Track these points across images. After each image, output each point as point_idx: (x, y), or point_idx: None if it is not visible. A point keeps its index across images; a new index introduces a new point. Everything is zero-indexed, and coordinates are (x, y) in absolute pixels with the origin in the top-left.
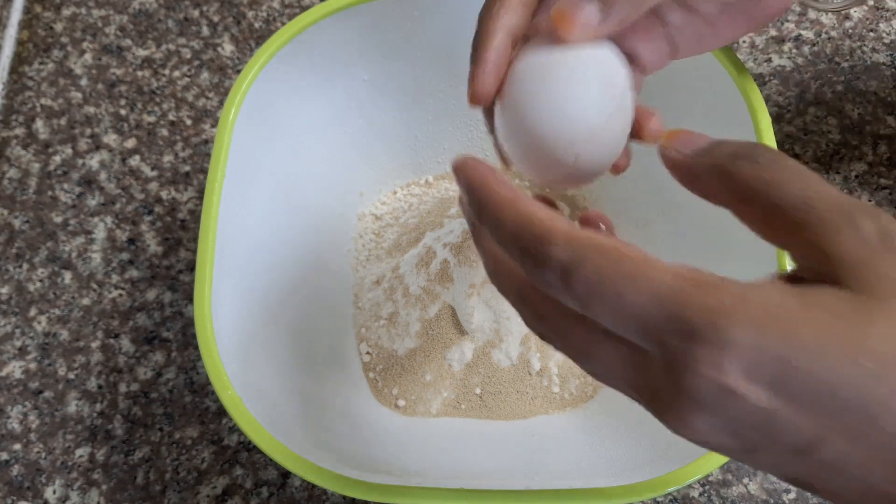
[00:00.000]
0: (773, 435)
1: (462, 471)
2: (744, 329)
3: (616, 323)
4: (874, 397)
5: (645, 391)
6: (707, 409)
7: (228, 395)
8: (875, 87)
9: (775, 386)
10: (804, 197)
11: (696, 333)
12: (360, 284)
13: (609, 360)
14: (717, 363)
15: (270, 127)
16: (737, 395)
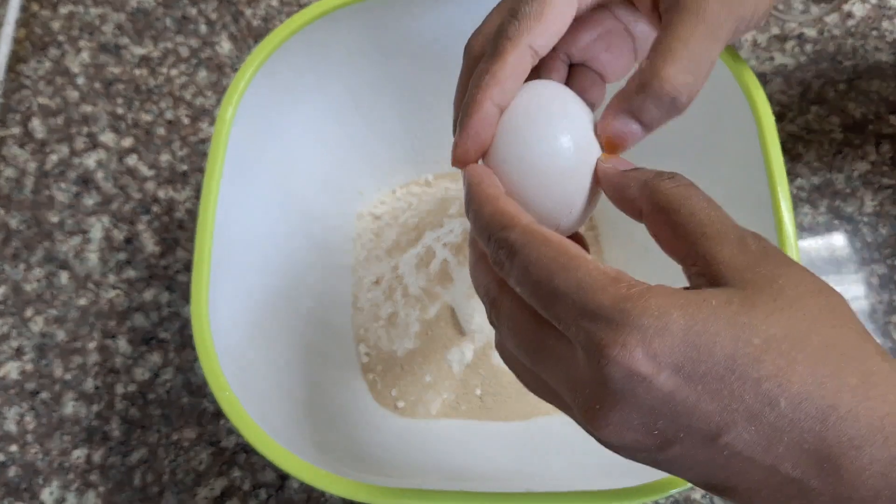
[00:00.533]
0: (681, 421)
1: (462, 472)
2: (649, 314)
3: (544, 304)
4: (765, 372)
5: (575, 393)
6: (621, 399)
7: (226, 396)
8: (878, 86)
9: (679, 368)
10: (708, 214)
11: (607, 318)
12: (358, 285)
13: (552, 360)
14: (625, 346)
15: (269, 126)
16: (645, 378)
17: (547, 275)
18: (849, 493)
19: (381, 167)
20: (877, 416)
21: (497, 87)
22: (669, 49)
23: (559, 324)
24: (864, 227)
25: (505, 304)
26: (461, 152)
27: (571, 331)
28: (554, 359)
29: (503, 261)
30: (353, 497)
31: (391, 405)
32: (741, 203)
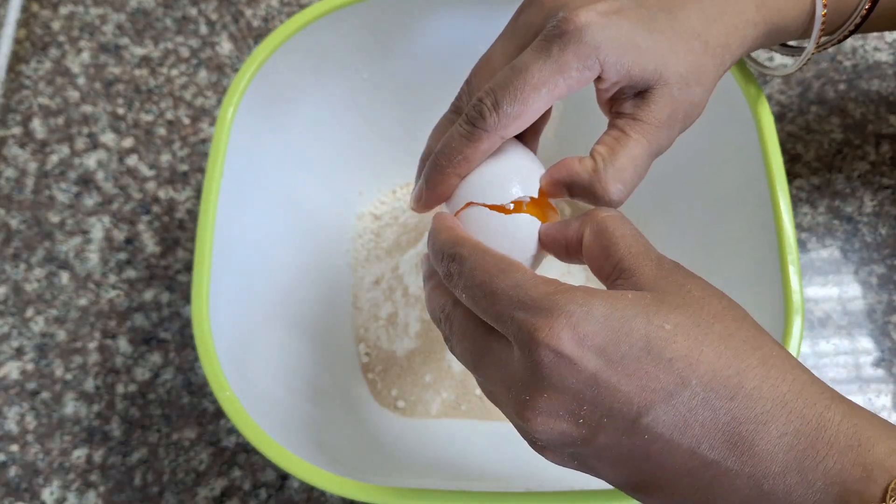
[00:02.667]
0: (604, 404)
1: (462, 472)
2: (574, 302)
3: (486, 304)
4: (677, 353)
5: (510, 391)
6: (549, 384)
7: (226, 396)
8: (877, 85)
9: (601, 350)
10: (636, 238)
11: (538, 307)
12: (359, 285)
13: (492, 363)
14: (553, 329)
15: (269, 126)
16: (571, 360)
17: (488, 277)
18: (762, 469)
19: (381, 167)
20: (779, 393)
21: (466, 166)
22: (620, 168)
23: (498, 322)
24: (864, 227)
25: (455, 316)
26: (422, 206)
27: (507, 326)
28: (494, 361)
29: (453, 273)
30: (352, 496)
31: (391, 405)
32: (741, 203)
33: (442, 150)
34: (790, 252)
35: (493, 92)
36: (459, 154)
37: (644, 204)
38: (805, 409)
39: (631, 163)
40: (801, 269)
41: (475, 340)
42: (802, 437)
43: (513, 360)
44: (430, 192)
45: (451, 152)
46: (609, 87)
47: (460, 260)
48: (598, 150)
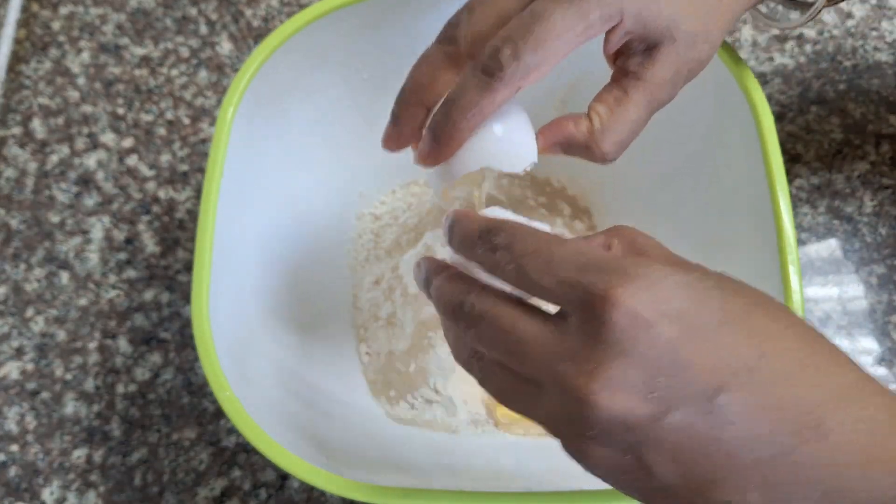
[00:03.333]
0: (681, 377)
1: (462, 472)
2: (651, 267)
3: (541, 272)
4: (755, 326)
5: (560, 365)
6: (621, 351)
7: (226, 396)
8: (877, 85)
9: (679, 317)
10: (667, 251)
11: (612, 268)
12: (359, 285)
13: (537, 344)
14: (629, 290)
15: (269, 126)
16: (648, 323)
17: (545, 244)
18: (844, 457)
19: (381, 167)
20: (851, 378)
21: (480, 119)
22: (618, 131)
23: (557, 289)
24: (864, 227)
25: (484, 300)
26: (432, 160)
27: (568, 292)
28: (539, 340)
29: (499, 245)
30: (352, 496)
31: (391, 405)
32: (741, 203)
33: (454, 101)
34: (790, 252)
35: (512, 39)
36: (474, 106)
37: (644, 204)
38: (875, 396)
39: (629, 125)
40: (801, 269)
41: (515, 321)
42: (880, 424)
43: (568, 332)
44: (439, 147)
45: (465, 104)
46: (620, 38)
47: (508, 231)
48: (598, 110)
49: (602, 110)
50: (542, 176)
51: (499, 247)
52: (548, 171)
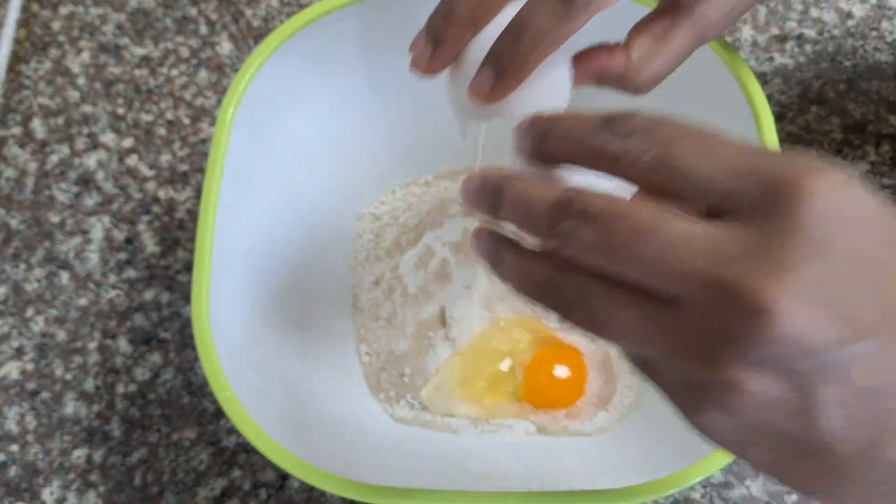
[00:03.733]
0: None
1: (461, 472)
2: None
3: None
4: None
5: (723, 267)
6: (813, 250)
7: (226, 396)
8: (877, 86)
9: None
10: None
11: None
12: (359, 285)
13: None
14: (827, 178)
15: (269, 126)
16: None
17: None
18: None
19: (381, 167)
20: None
21: (553, 51)
22: (658, 66)
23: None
24: None
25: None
26: (492, 96)
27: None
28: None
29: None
30: (353, 496)
31: (391, 405)
32: None
33: (524, 28)
34: None
35: None
36: (547, 36)
37: None
38: None
39: (671, 60)
40: None
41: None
42: None
43: (737, 231)
44: (504, 81)
45: (538, 33)
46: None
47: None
48: (639, 41)
49: (644, 43)
50: None
51: (635, 131)
52: None
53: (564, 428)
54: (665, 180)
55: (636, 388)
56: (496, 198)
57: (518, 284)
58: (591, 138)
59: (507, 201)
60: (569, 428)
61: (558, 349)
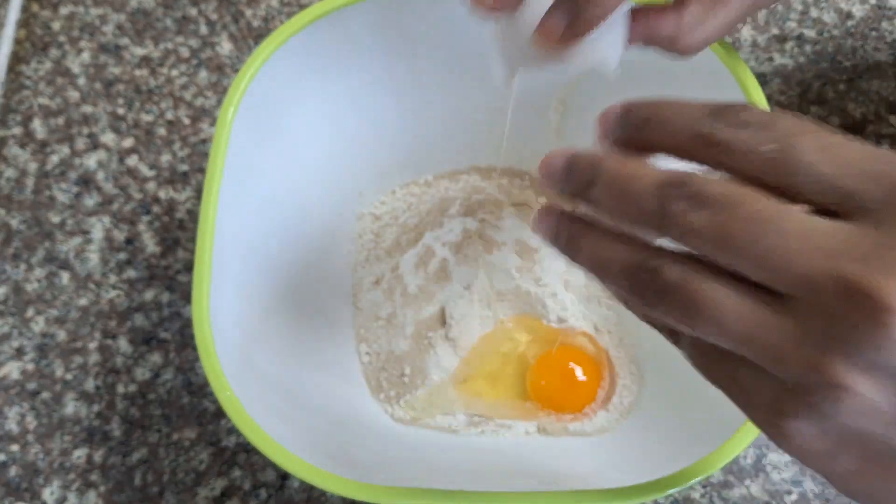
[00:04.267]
0: None
1: (461, 472)
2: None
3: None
4: None
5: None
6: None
7: (227, 396)
8: (877, 86)
9: None
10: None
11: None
12: (359, 285)
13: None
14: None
15: (269, 126)
16: None
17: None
18: None
19: (381, 167)
20: None
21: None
22: (709, 30)
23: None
24: None
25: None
26: (563, 40)
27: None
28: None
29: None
30: (353, 496)
31: (391, 405)
32: None
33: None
34: None
35: None
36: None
37: None
38: None
39: (724, 26)
40: None
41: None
42: None
43: (863, 234)
44: (577, 25)
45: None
46: None
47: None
48: (694, 4)
49: (699, 4)
50: None
51: (750, 122)
52: None
53: (564, 428)
54: (782, 175)
55: (636, 388)
56: (589, 174)
57: (599, 266)
58: (700, 126)
59: (603, 179)
60: (569, 428)
61: (571, 350)
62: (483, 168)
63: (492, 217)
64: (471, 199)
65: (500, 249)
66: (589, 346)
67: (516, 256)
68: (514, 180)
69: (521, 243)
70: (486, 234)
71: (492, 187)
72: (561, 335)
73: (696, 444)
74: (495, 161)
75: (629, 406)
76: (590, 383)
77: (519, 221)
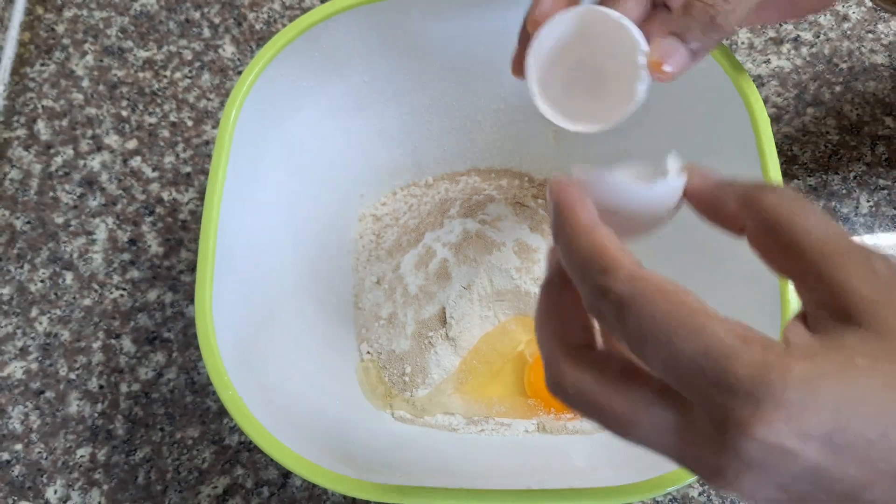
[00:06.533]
0: (822, 486)
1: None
2: (794, 387)
3: (664, 368)
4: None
5: (689, 457)
6: (757, 470)
7: (229, 395)
8: (873, 87)
9: (827, 440)
10: (826, 231)
11: (746, 392)
12: (360, 285)
13: (651, 427)
14: (770, 423)
15: (271, 128)
16: (790, 453)
17: (665, 338)
18: None
19: (381, 169)
20: None
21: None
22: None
23: (682, 388)
24: (860, 228)
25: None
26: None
27: (696, 397)
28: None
29: (606, 312)
30: (354, 494)
31: (391, 405)
32: None
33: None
34: None
35: None
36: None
37: None
38: None
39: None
40: None
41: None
42: None
43: (691, 427)
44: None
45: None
46: None
47: (618, 303)
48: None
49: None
50: (540, 176)
51: (606, 315)
52: (547, 172)
53: (564, 426)
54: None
55: None
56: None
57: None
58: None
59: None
60: (568, 426)
61: None
62: (483, 169)
63: (492, 218)
64: (471, 200)
65: (500, 249)
66: None
67: (516, 257)
68: (513, 181)
69: (521, 243)
70: (486, 234)
71: (492, 188)
72: None
73: None
74: (495, 162)
75: None
76: None
77: (519, 222)
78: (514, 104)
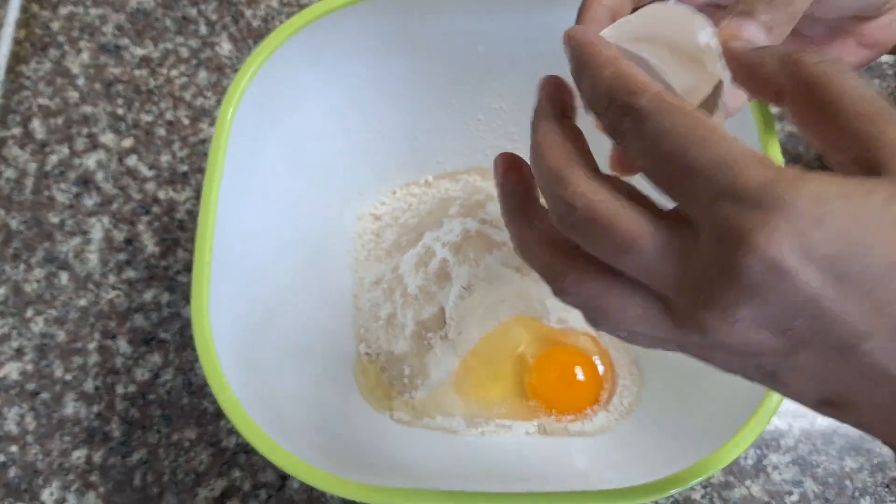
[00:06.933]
0: (821, 323)
1: (462, 473)
2: (805, 199)
3: (673, 181)
4: None
5: (685, 287)
6: (755, 294)
7: (226, 396)
8: (878, 86)
9: (830, 265)
10: (862, 91)
11: (754, 200)
12: (359, 285)
13: (654, 250)
14: (773, 232)
15: (269, 126)
16: (789, 272)
17: (681, 147)
18: None
19: (380, 168)
20: None
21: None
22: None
23: (688, 203)
24: None
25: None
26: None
27: (702, 212)
28: (655, 253)
29: (627, 129)
30: (353, 497)
31: (390, 406)
32: None
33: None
34: None
35: None
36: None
37: None
38: None
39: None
40: None
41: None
42: None
43: (696, 248)
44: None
45: None
46: None
47: (639, 115)
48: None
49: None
50: None
51: (626, 133)
52: None
53: (565, 428)
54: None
55: (636, 388)
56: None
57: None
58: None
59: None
60: (569, 428)
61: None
62: (483, 168)
63: (492, 217)
64: (471, 200)
65: (500, 249)
66: (590, 347)
67: (516, 257)
68: None
69: None
70: (486, 234)
71: (491, 187)
72: (562, 336)
73: (696, 444)
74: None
75: (629, 406)
76: (589, 383)
77: None
78: (515, 103)
